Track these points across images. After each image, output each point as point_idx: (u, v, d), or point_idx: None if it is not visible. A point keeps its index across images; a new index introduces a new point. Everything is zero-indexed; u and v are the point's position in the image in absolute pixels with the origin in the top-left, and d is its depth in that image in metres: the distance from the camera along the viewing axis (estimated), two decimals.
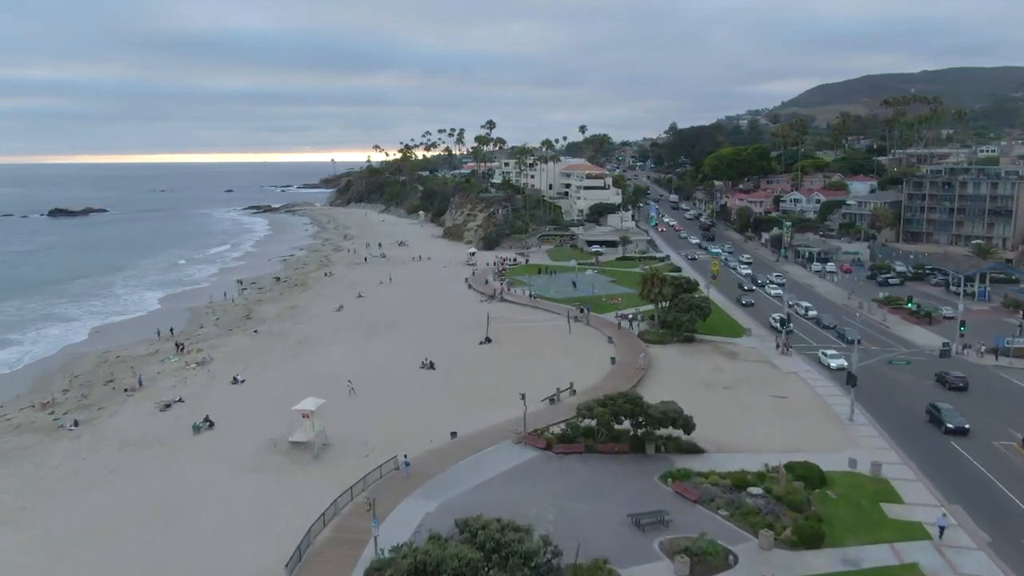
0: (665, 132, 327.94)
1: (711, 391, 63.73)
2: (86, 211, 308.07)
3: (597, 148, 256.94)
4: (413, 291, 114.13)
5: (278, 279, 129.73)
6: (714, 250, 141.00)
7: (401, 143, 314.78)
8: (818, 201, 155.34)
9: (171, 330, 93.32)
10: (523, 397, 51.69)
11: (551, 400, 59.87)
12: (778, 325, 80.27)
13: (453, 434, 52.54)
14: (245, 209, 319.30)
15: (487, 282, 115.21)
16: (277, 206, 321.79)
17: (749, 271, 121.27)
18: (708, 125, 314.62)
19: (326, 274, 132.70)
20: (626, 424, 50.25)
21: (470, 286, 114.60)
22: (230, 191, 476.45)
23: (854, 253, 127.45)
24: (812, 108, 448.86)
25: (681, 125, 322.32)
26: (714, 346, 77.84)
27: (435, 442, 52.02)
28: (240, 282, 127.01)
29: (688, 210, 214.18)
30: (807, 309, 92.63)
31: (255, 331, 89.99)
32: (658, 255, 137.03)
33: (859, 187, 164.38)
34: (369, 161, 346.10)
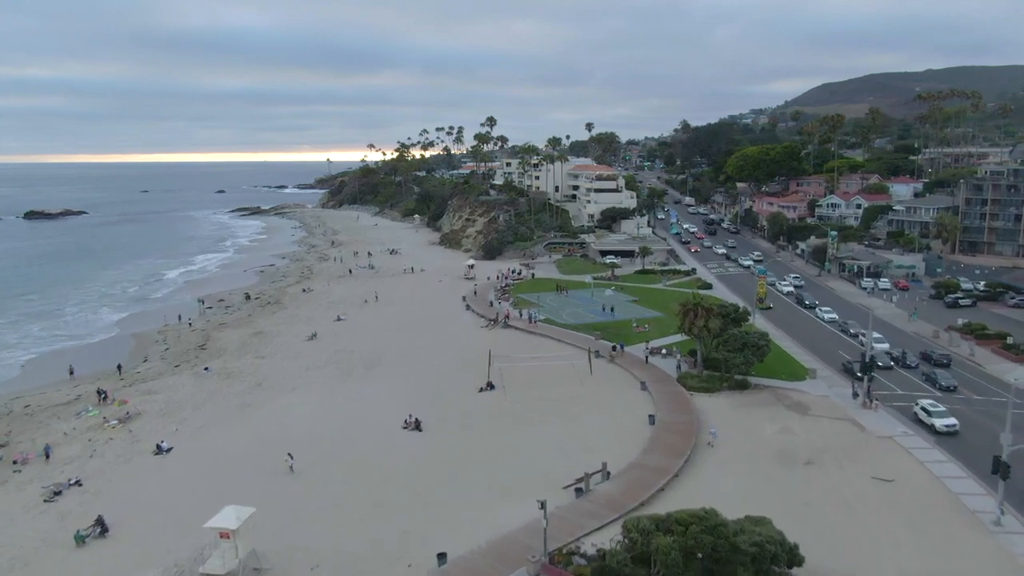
0: (676, 130, 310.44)
1: (787, 468, 47.54)
2: (63, 213, 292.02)
3: (606, 147, 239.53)
4: (402, 312, 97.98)
5: (248, 296, 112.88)
6: (745, 262, 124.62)
7: (398, 142, 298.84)
8: (859, 206, 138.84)
9: (118, 367, 76.83)
10: (543, 506, 35.62)
11: (578, 490, 43.66)
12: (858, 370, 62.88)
13: (441, 557, 36.37)
14: (234, 211, 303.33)
15: (491, 304, 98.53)
16: (267, 208, 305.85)
17: (795, 287, 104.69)
18: (724, 123, 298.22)
19: (304, 290, 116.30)
20: None
21: (468, 306, 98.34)
22: (222, 192, 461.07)
23: (909, 267, 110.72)
24: (815, 107, 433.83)
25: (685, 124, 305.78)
26: (774, 394, 61.52)
27: (415, 568, 36.03)
28: (202, 301, 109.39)
29: (690, 205, 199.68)
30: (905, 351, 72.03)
31: (206, 368, 73.68)
32: (682, 267, 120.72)
33: (900, 190, 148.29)
34: (364, 161, 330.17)
